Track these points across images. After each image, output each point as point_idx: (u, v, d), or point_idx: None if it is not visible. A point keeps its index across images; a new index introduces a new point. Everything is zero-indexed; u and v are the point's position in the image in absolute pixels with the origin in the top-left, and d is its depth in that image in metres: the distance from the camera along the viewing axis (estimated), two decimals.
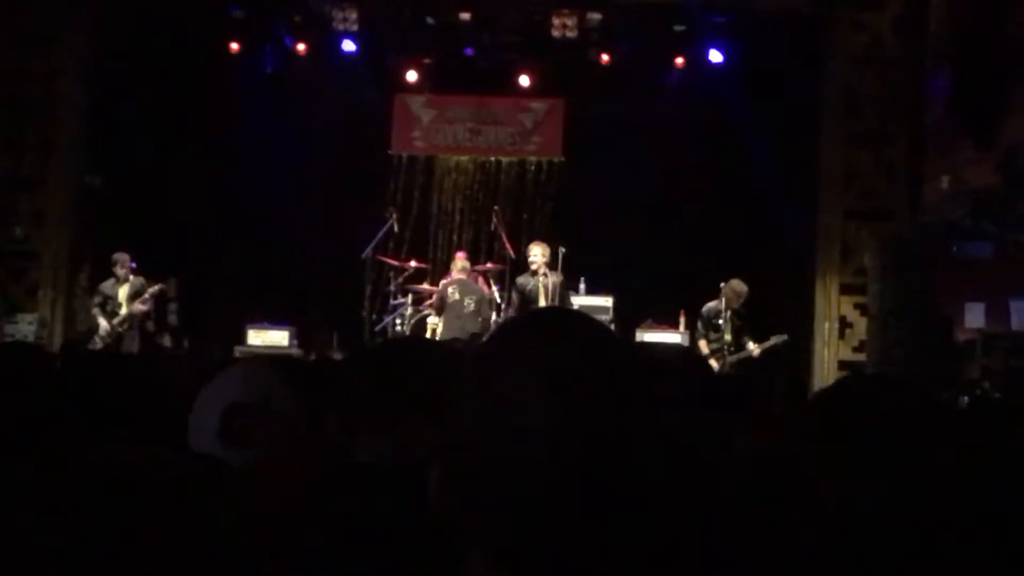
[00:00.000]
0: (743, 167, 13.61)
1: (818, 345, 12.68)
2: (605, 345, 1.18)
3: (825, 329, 12.65)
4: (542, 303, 11.49)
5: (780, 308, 12.50)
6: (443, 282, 12.18)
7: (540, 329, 1.20)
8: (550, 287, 11.53)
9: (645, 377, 1.19)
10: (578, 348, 1.15)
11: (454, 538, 1.14)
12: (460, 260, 12.56)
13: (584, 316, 1.22)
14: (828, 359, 12.56)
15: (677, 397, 1.70)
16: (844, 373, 11.36)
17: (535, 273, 11.58)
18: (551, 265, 11.72)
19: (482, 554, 1.12)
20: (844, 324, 12.56)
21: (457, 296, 11.77)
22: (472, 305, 11.73)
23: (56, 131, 13.39)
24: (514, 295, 11.92)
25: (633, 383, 1.16)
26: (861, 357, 12.06)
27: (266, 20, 13.92)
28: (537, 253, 11.66)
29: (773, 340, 11.60)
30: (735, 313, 11.64)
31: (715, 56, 13.79)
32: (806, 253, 12.93)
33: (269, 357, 2.94)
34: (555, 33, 13.38)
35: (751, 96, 13.45)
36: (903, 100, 12.42)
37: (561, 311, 1.27)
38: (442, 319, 11.87)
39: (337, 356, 9.73)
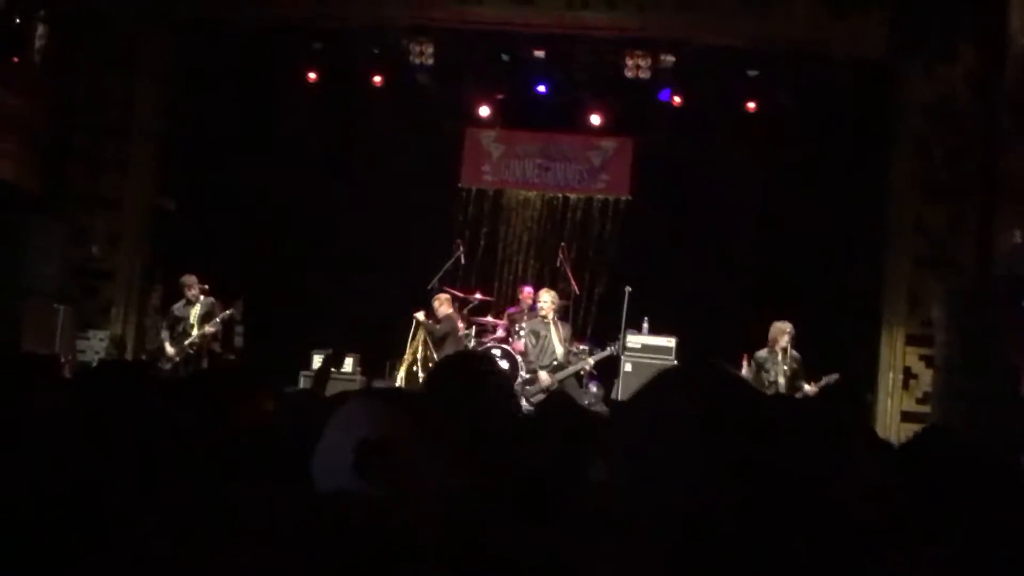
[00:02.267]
0: (811, 212, 13.60)
1: (881, 395, 12.59)
2: (744, 396, 1.29)
3: (889, 379, 12.56)
4: (556, 344, 11.67)
5: (844, 356, 12.44)
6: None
7: (690, 383, 1.31)
8: (561, 331, 11.78)
9: (770, 419, 1.29)
10: (722, 397, 1.26)
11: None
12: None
13: (723, 371, 1.34)
14: (891, 409, 12.47)
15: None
16: (908, 425, 11.30)
17: (544, 319, 11.75)
18: (558, 312, 11.92)
19: None
20: (909, 375, 12.47)
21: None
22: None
23: (133, 153, 13.69)
24: (528, 338, 12.06)
25: (765, 424, 1.26)
26: (925, 409, 11.94)
27: (344, 52, 14.15)
28: (547, 300, 11.88)
29: (825, 379, 11.49)
30: (784, 355, 11.59)
31: (786, 101, 13.82)
32: (873, 302, 12.87)
33: (386, 392, 3.04)
34: (628, 73, 13.48)
35: (821, 142, 13.46)
36: (975, 151, 12.36)
37: (704, 368, 1.38)
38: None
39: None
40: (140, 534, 1.09)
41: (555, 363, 11.81)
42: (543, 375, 11.71)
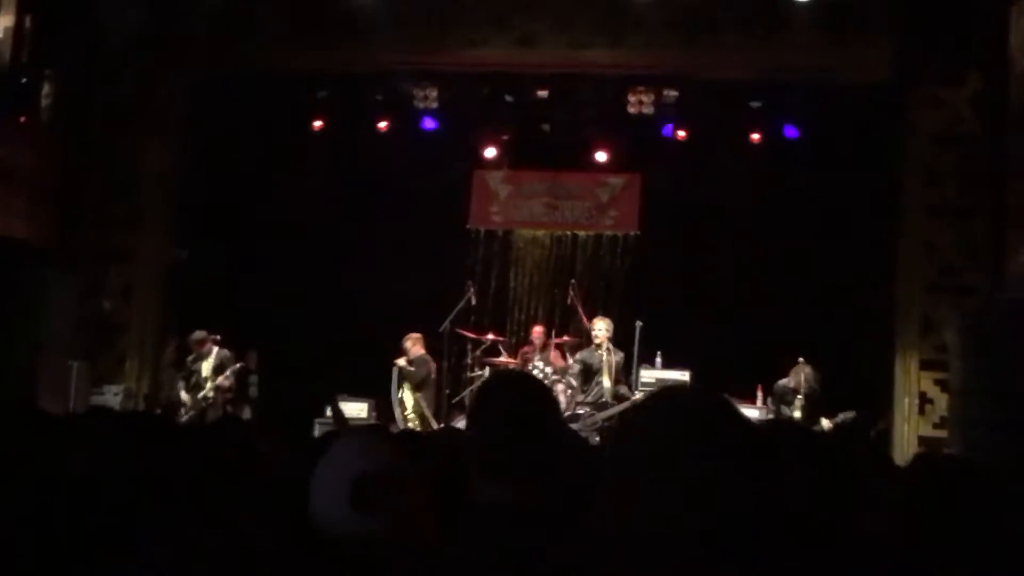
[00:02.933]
0: (820, 240, 13.60)
1: (898, 420, 12.53)
2: (735, 423, 1.32)
3: (905, 404, 12.50)
4: (606, 380, 11.66)
5: (859, 383, 12.41)
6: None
7: (684, 410, 1.35)
8: (614, 364, 11.74)
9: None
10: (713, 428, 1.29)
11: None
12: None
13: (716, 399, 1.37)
14: (908, 435, 12.41)
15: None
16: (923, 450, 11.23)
17: (599, 347, 11.77)
18: (614, 341, 11.89)
19: None
20: (924, 400, 12.41)
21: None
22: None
23: (144, 206, 13.79)
24: (576, 368, 12.09)
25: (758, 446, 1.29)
26: (942, 434, 11.89)
27: (349, 99, 14.26)
28: (602, 328, 11.88)
29: (841, 416, 11.50)
30: (807, 394, 11.61)
31: (791, 131, 13.86)
32: (886, 328, 12.83)
33: (376, 428, 3.05)
34: (631, 110, 13.55)
35: (828, 170, 13.47)
36: (983, 175, 12.35)
37: (699, 393, 1.42)
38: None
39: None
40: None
41: (602, 400, 11.77)
42: (586, 413, 11.67)
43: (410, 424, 12.64)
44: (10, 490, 2.46)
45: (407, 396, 12.92)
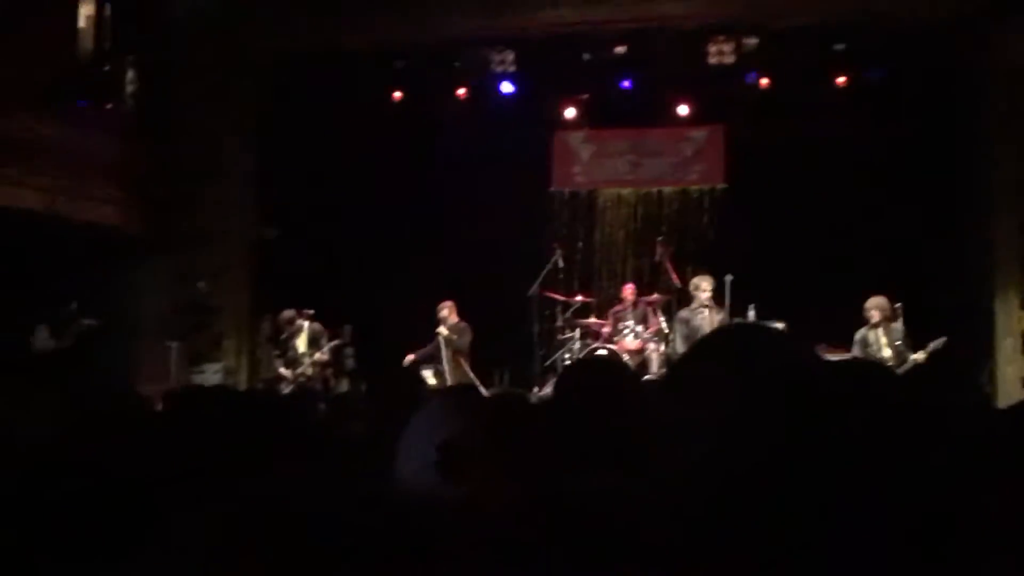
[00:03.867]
0: (911, 183, 13.27)
1: (1000, 363, 12.23)
2: (790, 361, 1.23)
3: (1007, 345, 12.20)
4: None
5: (959, 327, 12.10)
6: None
7: (729, 350, 1.26)
8: (717, 323, 11.56)
9: (828, 390, 1.23)
10: (764, 366, 1.20)
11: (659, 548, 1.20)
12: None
13: (769, 334, 1.27)
14: (1011, 377, 12.11)
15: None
16: None
17: (702, 307, 11.64)
18: (716, 299, 11.76)
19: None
20: None
21: None
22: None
23: (230, 188, 13.95)
24: (680, 328, 11.97)
25: (814, 397, 1.20)
26: None
27: (426, 69, 14.25)
28: (706, 286, 11.74)
29: (932, 345, 11.17)
30: (886, 330, 11.31)
31: (877, 73, 13.52)
32: (984, 268, 12.51)
33: (470, 391, 3.02)
34: (712, 60, 13.33)
35: (916, 111, 13.14)
36: None
37: (753, 328, 1.32)
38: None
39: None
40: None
41: None
42: None
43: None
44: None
45: (449, 364, 12.93)
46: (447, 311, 13.04)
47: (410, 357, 13.00)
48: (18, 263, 11.06)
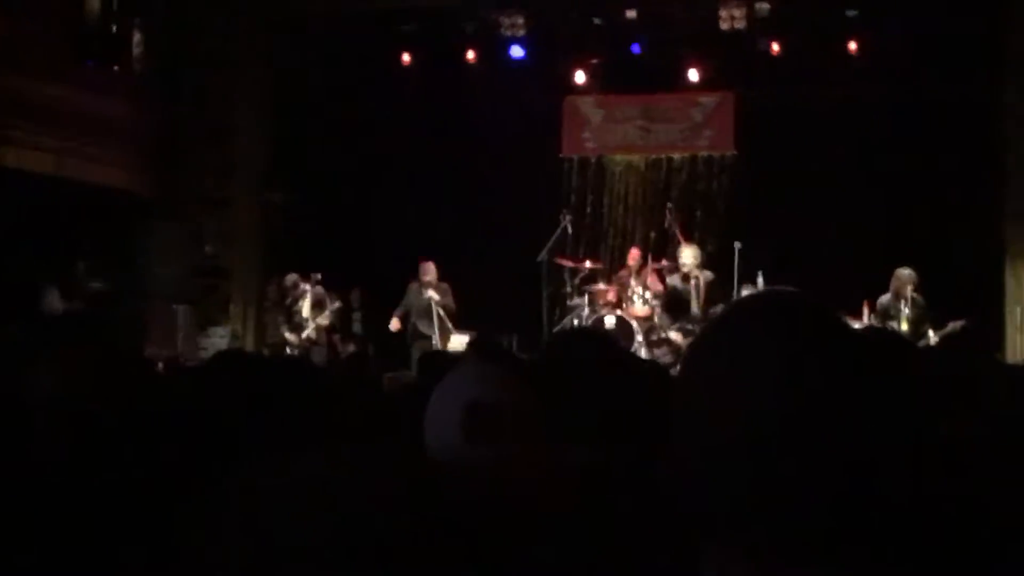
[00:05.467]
0: (923, 149, 13.20)
1: (1009, 330, 12.21)
2: (828, 326, 1.20)
3: (1017, 313, 12.16)
4: (694, 305, 11.60)
5: (969, 294, 12.06)
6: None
7: (766, 312, 1.23)
8: (702, 287, 11.65)
9: (865, 356, 1.20)
10: (804, 330, 1.17)
11: (687, 527, 1.17)
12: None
13: (804, 298, 1.24)
14: (1020, 344, 12.08)
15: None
16: None
17: (687, 276, 11.71)
18: (701, 266, 11.79)
19: (720, 541, 1.14)
20: None
21: None
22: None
23: (238, 151, 13.91)
24: (667, 296, 12.06)
25: (854, 361, 1.17)
26: None
27: (436, 31, 14.17)
28: (688, 256, 11.80)
29: (950, 326, 11.15)
30: (910, 302, 11.28)
31: (889, 39, 13.41)
32: (996, 235, 12.46)
33: (499, 354, 3.02)
34: (723, 26, 13.24)
35: (929, 74, 13.05)
36: None
37: (784, 294, 1.28)
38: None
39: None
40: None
41: (688, 328, 11.72)
42: (675, 335, 11.66)
43: None
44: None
45: (438, 324, 12.84)
46: (431, 275, 12.93)
47: (395, 322, 12.92)
48: (27, 226, 11.04)
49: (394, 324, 12.92)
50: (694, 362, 1.21)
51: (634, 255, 13.19)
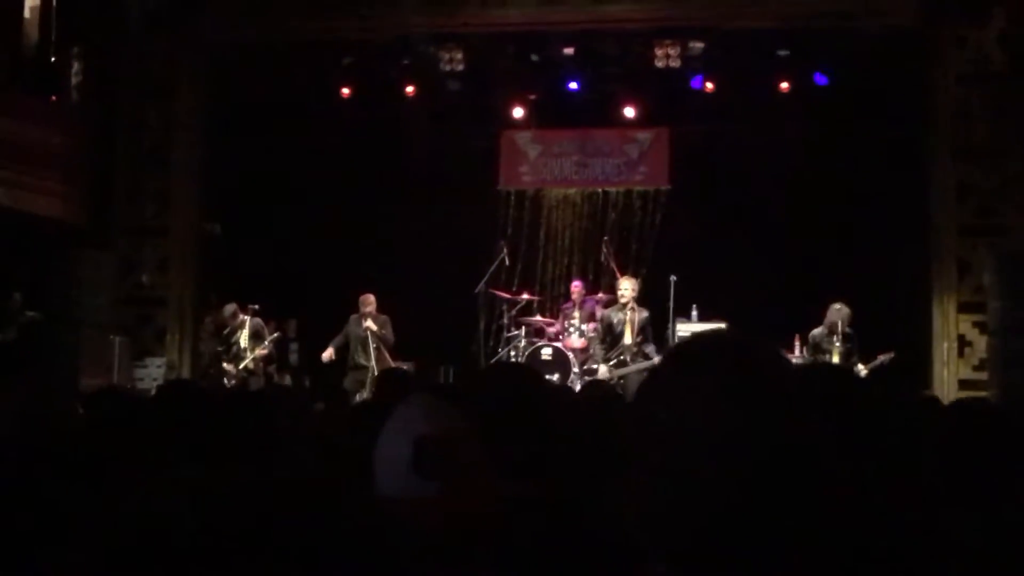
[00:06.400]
0: (853, 188, 13.53)
1: (937, 366, 12.48)
2: (768, 361, 1.31)
3: (944, 349, 12.44)
4: (627, 337, 11.71)
5: (896, 329, 12.35)
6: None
7: (712, 349, 1.34)
8: (636, 321, 11.78)
9: (802, 387, 1.31)
10: (747, 364, 1.28)
11: (634, 551, 1.27)
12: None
13: (746, 338, 1.36)
14: (948, 379, 12.36)
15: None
16: (966, 393, 11.17)
17: (623, 307, 11.82)
18: (639, 300, 11.92)
19: (666, 563, 1.24)
20: (963, 343, 12.35)
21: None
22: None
23: (175, 181, 13.85)
24: (600, 327, 12.16)
25: (795, 392, 1.28)
26: (982, 376, 11.84)
27: (375, 65, 14.25)
28: (627, 287, 11.93)
29: (880, 358, 11.46)
30: (842, 336, 11.55)
31: (820, 79, 13.76)
32: (922, 272, 12.76)
33: (445, 389, 3.03)
34: (658, 63, 13.46)
35: (858, 117, 13.39)
36: (1013, 113, 12.22)
37: (728, 333, 1.40)
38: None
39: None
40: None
41: (621, 358, 11.81)
42: (603, 370, 11.74)
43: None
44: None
45: (374, 356, 12.71)
46: (371, 306, 12.89)
47: (328, 352, 12.85)
48: None
49: (326, 355, 12.86)
50: (644, 400, 1.32)
51: (576, 287, 13.34)
